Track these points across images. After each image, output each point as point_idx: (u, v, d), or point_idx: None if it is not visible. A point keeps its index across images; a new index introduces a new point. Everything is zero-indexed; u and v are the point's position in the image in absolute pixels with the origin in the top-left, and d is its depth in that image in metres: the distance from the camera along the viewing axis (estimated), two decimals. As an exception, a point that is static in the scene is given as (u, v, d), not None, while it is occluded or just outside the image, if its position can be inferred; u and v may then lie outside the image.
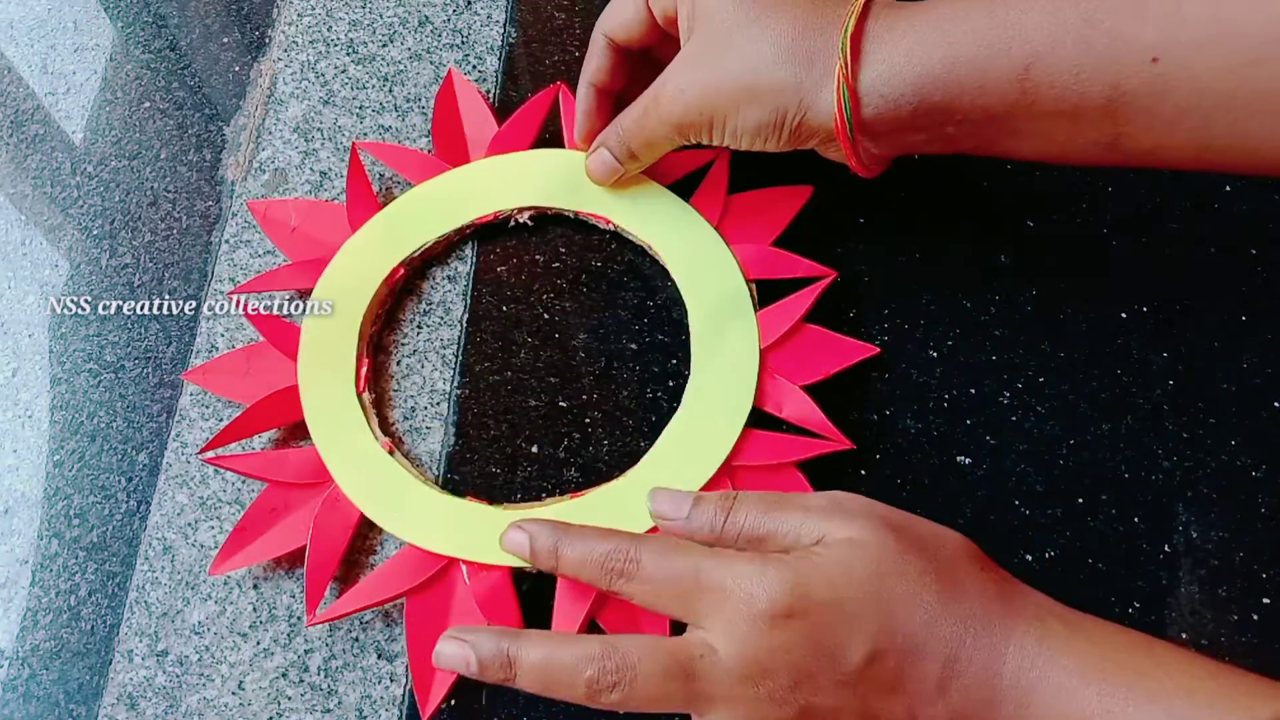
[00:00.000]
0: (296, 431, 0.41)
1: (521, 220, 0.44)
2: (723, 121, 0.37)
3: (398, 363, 0.42)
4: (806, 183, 0.43)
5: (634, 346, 0.43)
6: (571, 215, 0.44)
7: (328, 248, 0.43)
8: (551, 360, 0.42)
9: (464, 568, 0.37)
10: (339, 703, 0.37)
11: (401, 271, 0.43)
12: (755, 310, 0.41)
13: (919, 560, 0.32)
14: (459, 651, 0.33)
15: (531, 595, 0.38)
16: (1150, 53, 0.30)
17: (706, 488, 0.38)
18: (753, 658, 0.31)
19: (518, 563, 0.37)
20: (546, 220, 0.45)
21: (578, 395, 0.41)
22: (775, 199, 0.43)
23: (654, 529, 0.37)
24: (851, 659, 0.31)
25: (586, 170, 0.43)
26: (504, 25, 0.50)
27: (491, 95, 0.48)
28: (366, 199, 0.44)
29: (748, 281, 0.41)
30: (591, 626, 0.36)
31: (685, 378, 0.41)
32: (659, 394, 0.41)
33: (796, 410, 0.39)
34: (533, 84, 0.48)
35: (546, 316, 0.43)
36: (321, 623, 0.37)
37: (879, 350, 0.40)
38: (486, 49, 0.49)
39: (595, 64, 0.41)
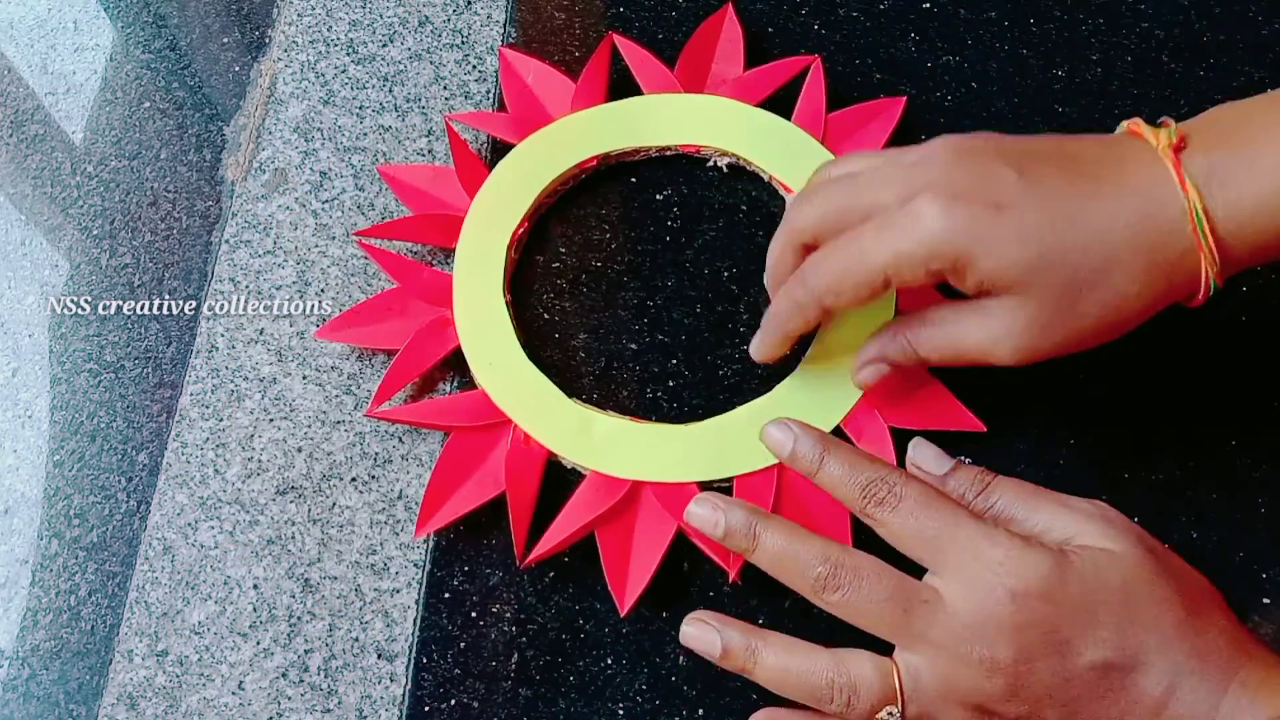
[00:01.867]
0: (431, 378, 0.42)
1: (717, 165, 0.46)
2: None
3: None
4: (898, 93, 0.45)
5: (634, 346, 0.43)
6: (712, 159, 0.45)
7: (450, 206, 0.45)
8: (551, 360, 0.42)
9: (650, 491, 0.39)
10: (339, 703, 0.37)
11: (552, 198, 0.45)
12: None
13: (1168, 587, 0.32)
14: (711, 515, 0.35)
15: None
16: None
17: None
18: (982, 623, 0.31)
19: (697, 478, 0.39)
20: (546, 218, 0.45)
21: (577, 395, 0.41)
22: (872, 112, 0.45)
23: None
24: (1080, 659, 0.31)
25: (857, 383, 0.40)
26: (504, 25, 0.50)
27: (491, 95, 0.48)
28: (473, 160, 0.45)
29: None
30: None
31: (686, 377, 0.42)
32: (659, 394, 0.41)
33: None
34: (533, 84, 0.48)
35: (546, 316, 0.43)
36: (535, 562, 0.38)
37: None
38: (486, 49, 0.49)
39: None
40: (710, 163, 0.46)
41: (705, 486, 0.38)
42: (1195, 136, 0.32)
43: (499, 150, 0.46)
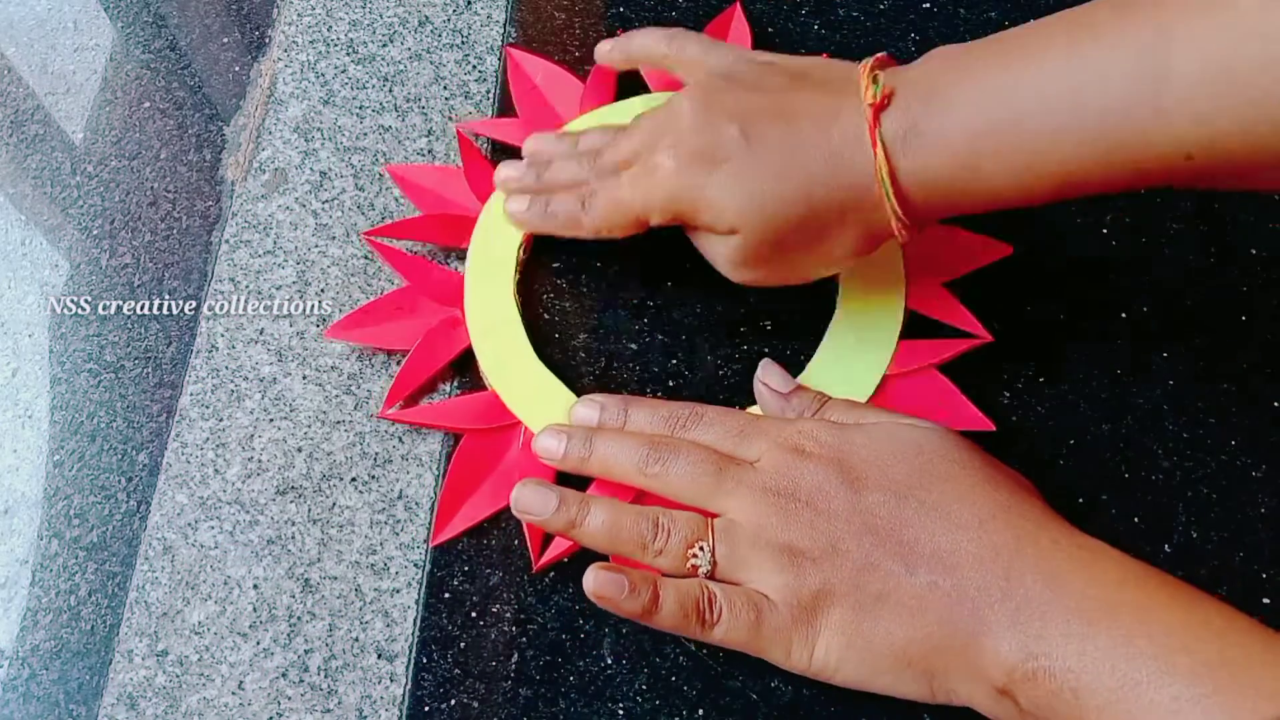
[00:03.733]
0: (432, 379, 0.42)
1: None
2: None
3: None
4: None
5: (634, 346, 0.43)
6: None
7: (458, 207, 0.45)
8: (551, 360, 0.42)
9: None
10: (339, 703, 0.37)
11: None
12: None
13: (965, 454, 0.35)
14: (555, 444, 0.38)
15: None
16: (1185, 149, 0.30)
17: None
18: (782, 470, 0.35)
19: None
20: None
21: (577, 395, 0.41)
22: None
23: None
24: (871, 493, 0.34)
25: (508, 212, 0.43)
26: (504, 25, 0.50)
27: (491, 95, 0.48)
28: (481, 161, 0.45)
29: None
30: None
31: (686, 377, 0.42)
32: (659, 394, 0.41)
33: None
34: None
35: (546, 317, 0.43)
36: (548, 565, 0.38)
37: (1011, 249, 0.42)
38: (486, 49, 0.49)
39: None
40: None
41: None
42: (901, 90, 0.34)
43: (500, 151, 0.46)
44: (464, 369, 0.42)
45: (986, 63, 0.33)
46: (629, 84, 0.47)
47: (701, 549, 0.34)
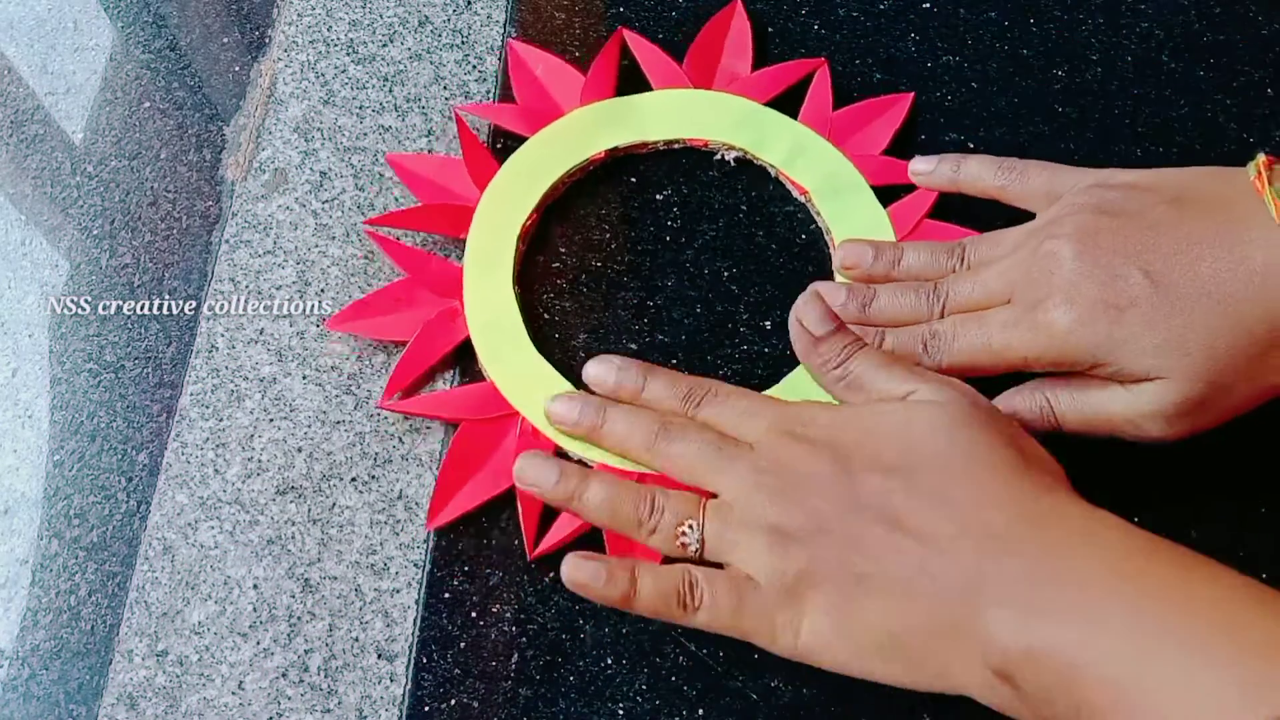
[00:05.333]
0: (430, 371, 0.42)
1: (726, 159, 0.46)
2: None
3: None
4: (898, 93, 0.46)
5: (634, 346, 0.43)
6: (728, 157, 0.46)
7: (458, 197, 0.45)
8: (551, 359, 0.42)
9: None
10: (339, 703, 0.37)
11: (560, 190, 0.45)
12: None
13: (971, 431, 0.33)
14: (568, 410, 0.38)
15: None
16: None
17: None
18: (778, 448, 0.34)
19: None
20: (550, 213, 0.45)
21: (576, 388, 0.41)
22: (878, 110, 0.46)
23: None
24: (861, 476, 0.33)
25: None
26: (504, 25, 0.50)
27: (491, 95, 0.48)
28: (482, 151, 0.45)
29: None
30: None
31: (685, 378, 0.42)
32: (659, 394, 0.41)
33: None
34: (533, 84, 0.48)
35: (546, 316, 0.43)
36: (544, 554, 0.38)
37: None
38: (486, 49, 0.49)
39: None
40: (718, 156, 0.46)
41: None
42: None
43: (501, 141, 0.46)
44: (463, 360, 0.42)
45: None
46: (630, 80, 0.47)
47: (691, 527, 0.34)
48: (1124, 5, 0.48)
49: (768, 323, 0.43)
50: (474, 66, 0.49)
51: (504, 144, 0.46)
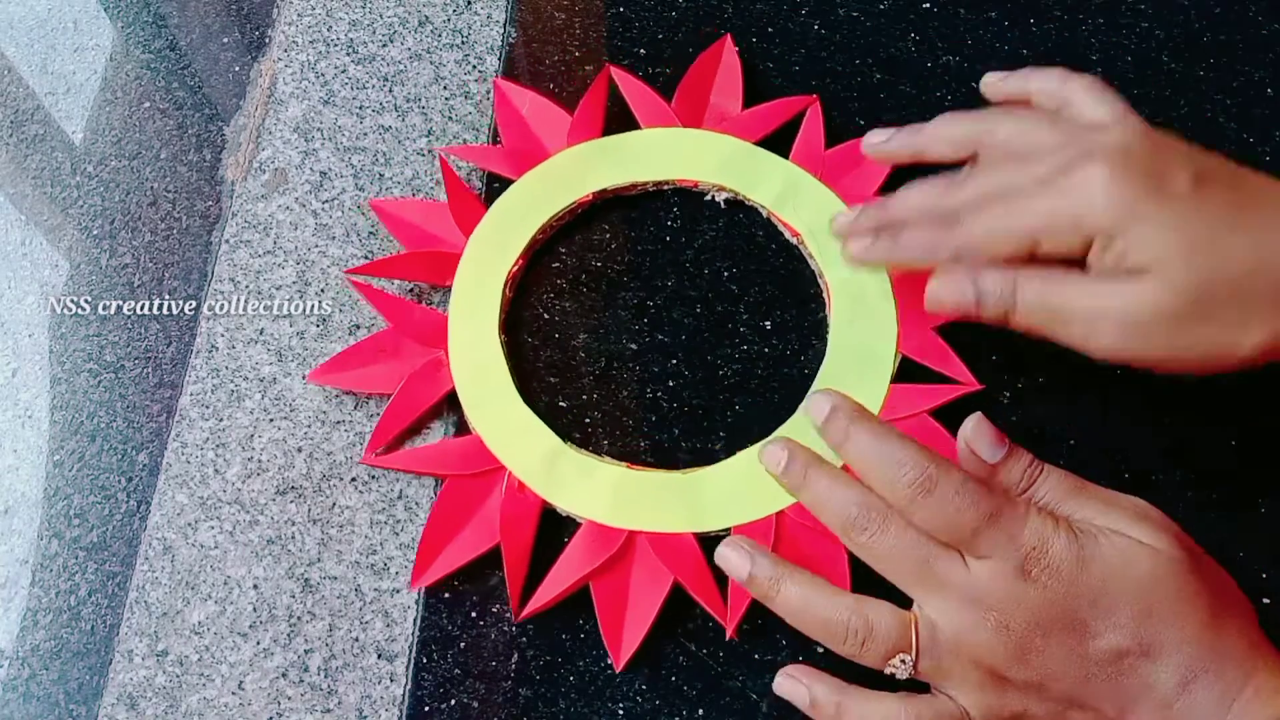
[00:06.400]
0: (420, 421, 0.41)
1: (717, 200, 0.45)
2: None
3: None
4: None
5: (634, 346, 0.43)
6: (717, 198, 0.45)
7: (443, 243, 0.44)
8: (551, 360, 0.42)
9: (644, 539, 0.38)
10: (339, 703, 0.37)
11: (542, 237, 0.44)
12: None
13: (1196, 585, 0.32)
14: (776, 459, 0.34)
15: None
16: None
17: None
18: (999, 586, 0.31)
19: (694, 528, 0.38)
20: (541, 253, 0.44)
21: (578, 395, 0.41)
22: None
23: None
24: (1095, 642, 0.31)
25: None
26: (504, 25, 0.50)
27: (491, 95, 0.48)
28: (467, 195, 0.44)
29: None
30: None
31: (686, 377, 0.42)
32: (659, 394, 0.41)
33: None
34: (533, 84, 0.47)
35: (546, 316, 0.43)
36: (530, 616, 0.37)
37: None
38: (486, 49, 0.49)
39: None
40: (709, 197, 0.45)
41: (703, 538, 0.38)
42: None
43: (491, 179, 0.46)
44: (455, 407, 0.41)
45: None
46: (617, 118, 0.46)
47: (903, 661, 0.32)
48: (1124, 5, 0.48)
49: (768, 323, 0.43)
50: (474, 66, 0.49)
51: (500, 184, 0.45)
